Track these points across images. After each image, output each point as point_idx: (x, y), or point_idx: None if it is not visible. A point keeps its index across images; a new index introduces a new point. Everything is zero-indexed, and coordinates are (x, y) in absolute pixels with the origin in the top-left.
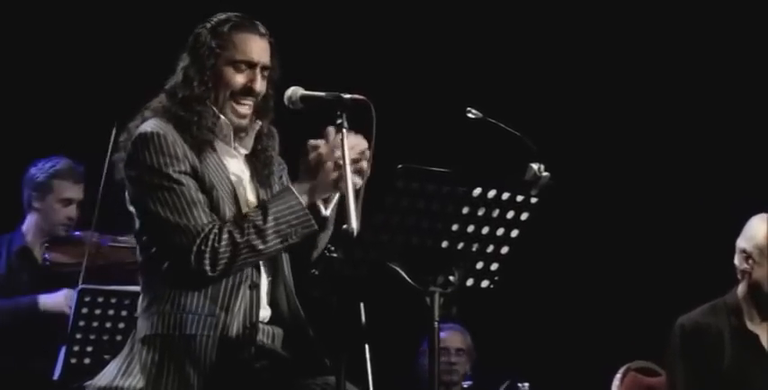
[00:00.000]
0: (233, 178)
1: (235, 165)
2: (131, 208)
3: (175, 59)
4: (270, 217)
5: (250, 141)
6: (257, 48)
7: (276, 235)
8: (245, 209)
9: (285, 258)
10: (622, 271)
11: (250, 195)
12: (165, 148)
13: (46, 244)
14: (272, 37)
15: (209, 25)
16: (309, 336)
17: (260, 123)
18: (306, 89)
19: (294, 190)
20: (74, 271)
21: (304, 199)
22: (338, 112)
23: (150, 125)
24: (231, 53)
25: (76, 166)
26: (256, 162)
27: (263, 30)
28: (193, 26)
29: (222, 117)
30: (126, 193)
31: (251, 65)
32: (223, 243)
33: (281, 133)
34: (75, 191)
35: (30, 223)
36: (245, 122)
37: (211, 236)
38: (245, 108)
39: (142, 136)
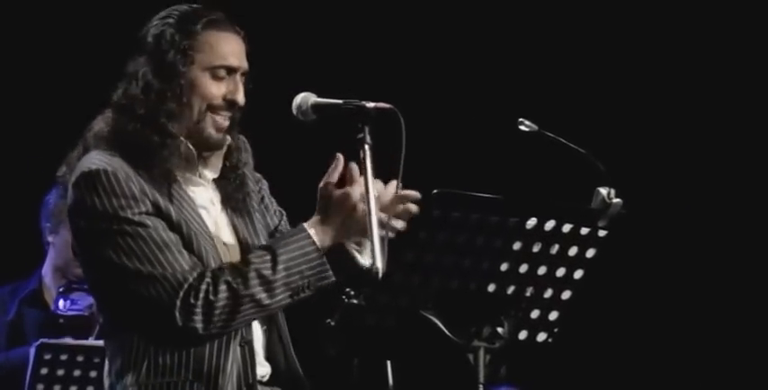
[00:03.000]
0: (202, 212)
1: (202, 196)
2: (80, 262)
3: (120, 63)
4: (280, 267)
5: (218, 162)
6: (237, 49)
7: (286, 288)
8: (222, 251)
9: None
10: (711, 319)
11: (224, 229)
12: (116, 188)
13: (60, 290)
14: (246, 33)
15: (171, 20)
16: None
17: (228, 139)
18: (319, 96)
19: (310, 232)
20: (85, 322)
21: (321, 242)
22: (359, 124)
23: (93, 160)
24: (208, 56)
25: None
26: (227, 184)
27: (236, 27)
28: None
29: (184, 141)
30: (73, 245)
31: (231, 70)
32: (221, 295)
33: (287, 147)
34: None
35: (47, 264)
36: (222, 136)
37: (203, 287)
38: (225, 120)
39: (86, 175)
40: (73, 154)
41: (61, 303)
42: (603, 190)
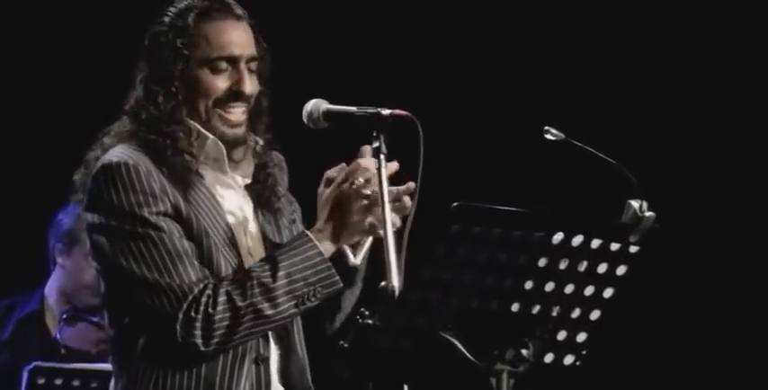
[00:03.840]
0: (230, 219)
1: (232, 200)
2: (96, 267)
3: (131, 70)
4: (281, 273)
5: (249, 165)
6: (237, 36)
7: (289, 297)
8: (247, 262)
9: (297, 324)
10: (754, 339)
11: (254, 241)
12: (136, 183)
13: (64, 316)
14: (251, 17)
15: (166, 19)
16: None
17: (255, 138)
18: (331, 102)
19: (312, 236)
20: (90, 358)
21: (326, 249)
22: (374, 133)
23: (116, 153)
24: (204, 50)
25: None
26: (261, 190)
27: (238, 11)
28: None
29: (210, 136)
30: (89, 248)
31: (233, 60)
32: (219, 307)
33: (297, 159)
34: None
35: (52, 284)
36: (240, 132)
37: (204, 299)
38: (239, 114)
39: (106, 167)
40: (90, 154)
41: (65, 333)
42: (635, 203)
